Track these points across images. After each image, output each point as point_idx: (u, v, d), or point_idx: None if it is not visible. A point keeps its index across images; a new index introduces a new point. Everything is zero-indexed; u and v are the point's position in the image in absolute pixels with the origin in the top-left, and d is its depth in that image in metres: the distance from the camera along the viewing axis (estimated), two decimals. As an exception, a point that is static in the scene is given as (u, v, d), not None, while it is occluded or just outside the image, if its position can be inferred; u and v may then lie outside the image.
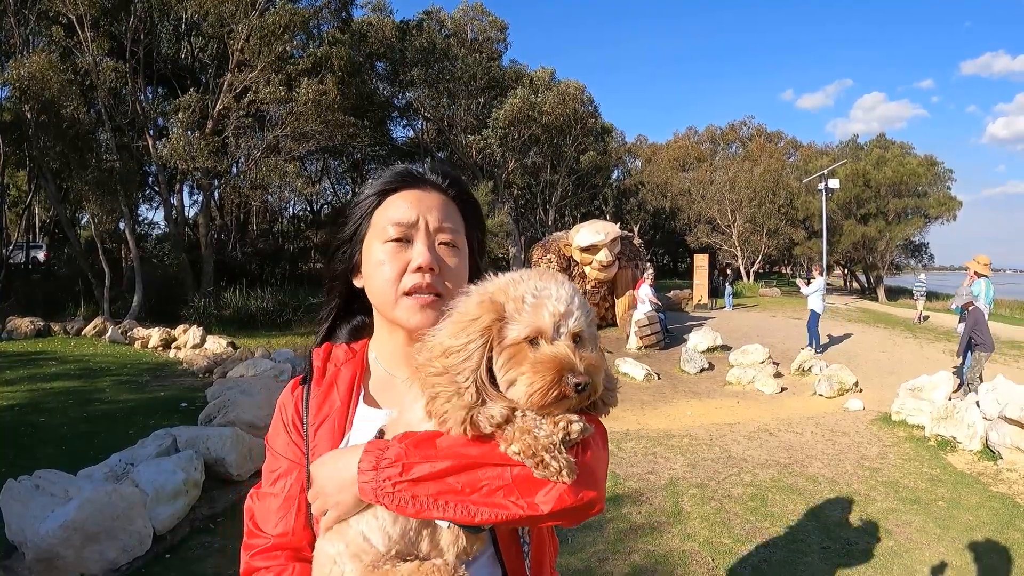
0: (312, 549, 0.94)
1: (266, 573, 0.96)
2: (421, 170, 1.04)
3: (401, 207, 0.99)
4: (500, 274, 0.87)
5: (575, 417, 0.80)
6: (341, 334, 1.11)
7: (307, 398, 1.02)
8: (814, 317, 12.63)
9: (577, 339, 0.81)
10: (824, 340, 13.10)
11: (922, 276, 20.46)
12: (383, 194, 1.01)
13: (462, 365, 0.79)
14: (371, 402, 1.02)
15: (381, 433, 0.89)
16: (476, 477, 0.79)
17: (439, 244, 0.99)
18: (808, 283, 13.52)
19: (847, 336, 14.20)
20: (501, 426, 0.79)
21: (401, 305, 0.97)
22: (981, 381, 7.73)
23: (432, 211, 0.99)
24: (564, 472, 0.77)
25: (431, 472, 0.79)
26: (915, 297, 19.20)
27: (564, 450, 0.78)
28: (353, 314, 1.11)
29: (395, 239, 0.98)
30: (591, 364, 0.80)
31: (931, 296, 22.80)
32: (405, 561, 0.83)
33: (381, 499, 0.80)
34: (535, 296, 0.81)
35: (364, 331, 1.11)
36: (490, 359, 0.81)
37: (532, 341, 0.80)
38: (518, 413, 0.79)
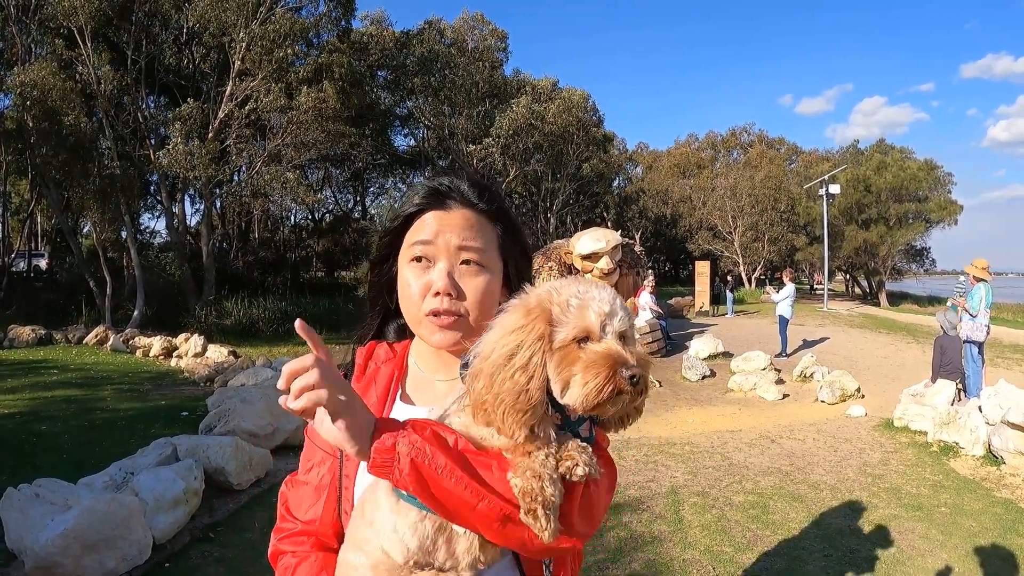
0: (338, 540, 0.97)
1: (291, 557, 1.00)
2: (447, 187, 1.03)
3: (423, 227, 1.01)
4: (534, 286, 0.88)
5: (584, 460, 0.81)
6: (389, 332, 1.15)
7: None
8: (783, 322, 12.82)
9: (623, 337, 0.83)
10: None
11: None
12: (413, 213, 1.03)
13: (529, 383, 0.79)
14: (407, 400, 1.05)
15: None
16: (480, 489, 0.80)
17: (461, 263, 0.99)
18: (778, 290, 13.60)
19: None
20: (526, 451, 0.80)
21: (423, 324, 1.00)
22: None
23: (454, 230, 1.00)
24: (547, 533, 0.78)
25: (452, 458, 0.81)
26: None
27: (557, 511, 0.79)
28: (401, 315, 1.15)
29: (417, 258, 1.00)
30: (641, 358, 0.82)
31: (933, 301, 22.69)
32: (423, 570, 0.85)
33: (404, 450, 0.79)
34: (579, 299, 0.83)
35: (409, 331, 1.14)
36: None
37: (580, 342, 0.81)
38: (541, 453, 0.80)
